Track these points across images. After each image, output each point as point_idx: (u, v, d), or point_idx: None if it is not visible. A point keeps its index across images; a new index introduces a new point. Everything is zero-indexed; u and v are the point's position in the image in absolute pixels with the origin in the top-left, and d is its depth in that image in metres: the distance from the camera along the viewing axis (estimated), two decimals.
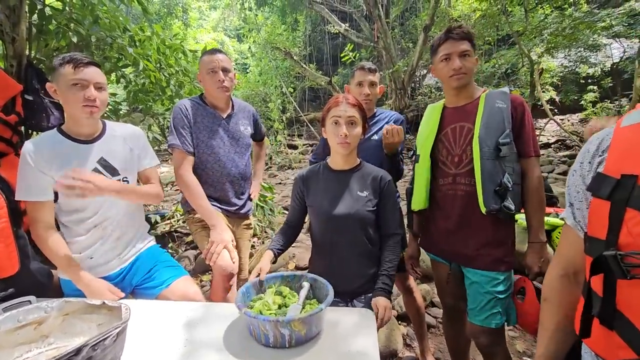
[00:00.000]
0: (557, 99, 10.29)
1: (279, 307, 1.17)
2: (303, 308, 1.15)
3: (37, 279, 1.36)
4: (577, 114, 10.51)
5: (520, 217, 1.33)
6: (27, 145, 1.32)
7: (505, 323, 1.39)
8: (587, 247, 0.70)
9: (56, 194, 1.35)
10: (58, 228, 1.41)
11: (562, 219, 0.81)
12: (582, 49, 9.81)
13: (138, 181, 1.59)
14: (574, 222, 0.77)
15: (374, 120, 1.82)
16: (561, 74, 10.50)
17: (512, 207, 1.29)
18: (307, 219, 1.53)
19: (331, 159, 1.45)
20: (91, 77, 1.33)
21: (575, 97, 10.03)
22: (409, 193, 1.60)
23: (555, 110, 9.70)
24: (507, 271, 1.37)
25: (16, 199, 1.30)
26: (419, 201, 1.52)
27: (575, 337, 0.76)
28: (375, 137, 1.77)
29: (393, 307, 2.52)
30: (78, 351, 0.81)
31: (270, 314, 1.11)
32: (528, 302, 1.35)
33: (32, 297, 1.05)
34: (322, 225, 1.39)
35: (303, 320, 1.01)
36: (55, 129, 1.40)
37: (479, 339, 1.42)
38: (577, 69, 10.33)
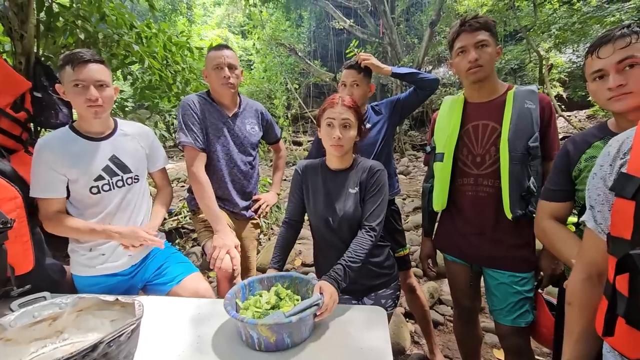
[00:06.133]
0: (565, 95, 10.16)
1: (272, 307, 1.13)
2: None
3: (50, 275, 1.38)
4: (584, 110, 10.40)
5: None
6: (40, 143, 1.32)
7: None
8: (611, 247, 0.69)
9: (68, 190, 1.36)
10: None
11: (580, 223, 0.80)
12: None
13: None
14: (594, 225, 0.76)
15: (365, 118, 1.77)
16: (569, 70, 10.36)
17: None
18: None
19: (327, 159, 1.42)
20: (89, 77, 1.28)
21: (583, 94, 9.90)
22: (427, 191, 1.54)
23: (562, 107, 9.60)
24: (532, 270, 1.36)
25: (30, 195, 1.30)
26: (442, 202, 1.46)
27: (601, 341, 0.75)
28: (369, 133, 1.74)
29: (401, 304, 2.51)
30: (94, 347, 0.82)
31: (257, 312, 1.09)
32: (541, 315, 1.33)
33: (46, 293, 1.06)
34: (319, 225, 1.37)
35: (270, 327, 0.96)
36: (67, 126, 1.40)
37: (509, 339, 1.39)
38: None
